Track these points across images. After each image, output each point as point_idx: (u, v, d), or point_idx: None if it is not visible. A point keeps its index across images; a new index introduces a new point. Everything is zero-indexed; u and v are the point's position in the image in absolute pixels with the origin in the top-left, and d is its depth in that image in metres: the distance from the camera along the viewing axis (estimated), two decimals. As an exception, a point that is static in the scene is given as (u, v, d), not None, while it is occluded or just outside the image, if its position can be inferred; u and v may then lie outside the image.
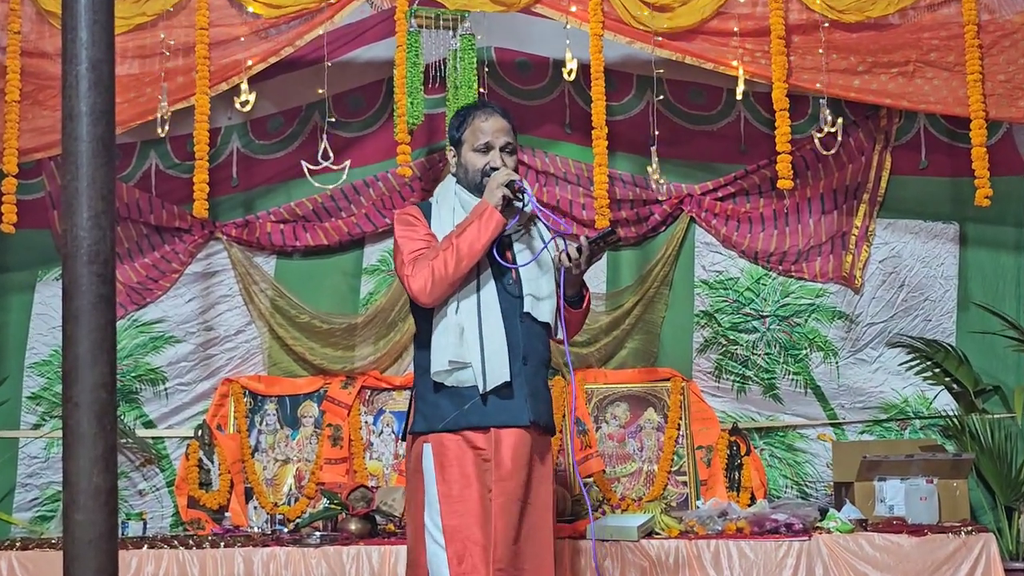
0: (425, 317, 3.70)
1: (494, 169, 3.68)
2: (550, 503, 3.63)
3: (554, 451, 3.76)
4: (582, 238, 3.64)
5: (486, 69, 6.06)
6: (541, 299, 3.66)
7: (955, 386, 5.95)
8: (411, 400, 3.79)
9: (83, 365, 1.44)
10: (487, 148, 3.74)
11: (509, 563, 3.47)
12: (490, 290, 3.61)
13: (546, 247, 3.69)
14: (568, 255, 3.62)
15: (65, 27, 1.49)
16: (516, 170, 3.76)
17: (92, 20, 1.47)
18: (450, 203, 3.76)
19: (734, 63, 5.56)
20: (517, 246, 3.75)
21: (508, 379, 3.54)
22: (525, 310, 3.63)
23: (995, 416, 5.82)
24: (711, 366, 6.18)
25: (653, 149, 5.80)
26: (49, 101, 5.68)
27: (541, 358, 3.71)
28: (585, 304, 3.83)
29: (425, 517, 3.53)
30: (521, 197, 3.62)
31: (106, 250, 1.46)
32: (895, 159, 6.10)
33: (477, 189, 3.71)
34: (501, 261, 3.60)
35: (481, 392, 3.53)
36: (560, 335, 3.73)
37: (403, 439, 3.87)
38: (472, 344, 3.54)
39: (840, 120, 5.56)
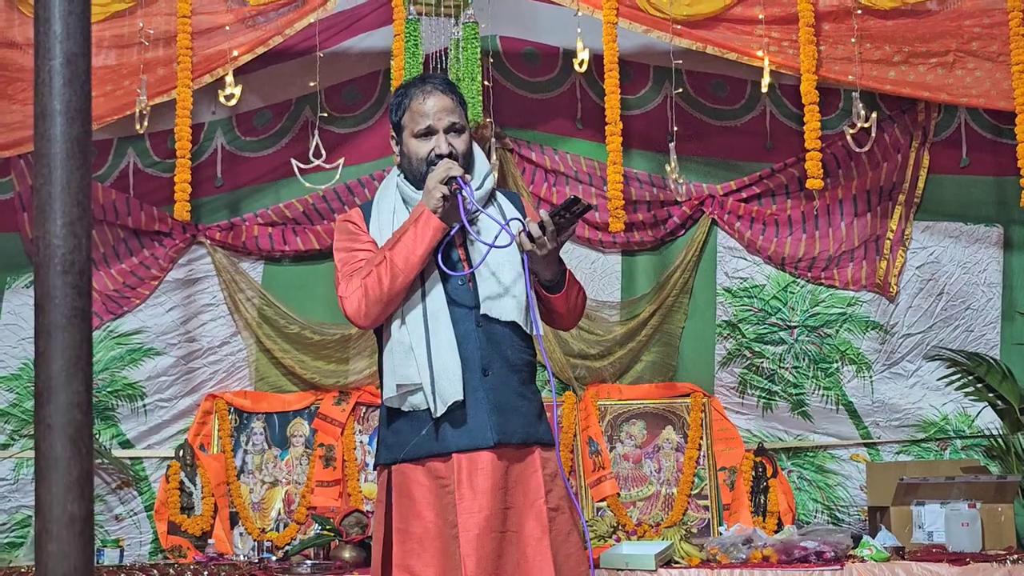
0: (377, 336, 3.54)
1: (440, 156, 3.41)
2: (542, 532, 3.34)
3: (559, 471, 3.53)
4: (542, 212, 3.35)
5: (491, 60, 6.07)
6: (503, 295, 3.40)
7: (999, 402, 5.94)
8: (378, 428, 3.64)
9: (57, 384, 1.43)
10: (429, 132, 3.45)
11: None
12: (437, 296, 3.39)
13: (498, 237, 3.39)
14: (529, 234, 3.32)
15: (38, 18, 1.49)
16: (468, 152, 3.50)
17: (67, 11, 1.47)
18: (390, 201, 3.53)
19: (759, 53, 5.56)
20: (481, 225, 3.47)
21: (460, 397, 3.31)
22: (482, 312, 3.39)
23: (1042, 435, 5.82)
24: (734, 381, 6.18)
25: (671, 146, 5.80)
26: (19, 95, 5.69)
27: (510, 365, 3.42)
28: (567, 286, 3.49)
29: (381, 555, 3.41)
30: (467, 193, 3.35)
31: (81, 260, 1.46)
32: (933, 157, 6.10)
33: (423, 182, 3.43)
34: (445, 269, 3.36)
35: (434, 416, 3.33)
36: (538, 331, 3.46)
37: (374, 469, 3.71)
38: (421, 362, 3.33)
39: (874, 115, 5.55)
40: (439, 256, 3.34)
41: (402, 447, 3.38)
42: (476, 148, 3.58)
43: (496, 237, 3.39)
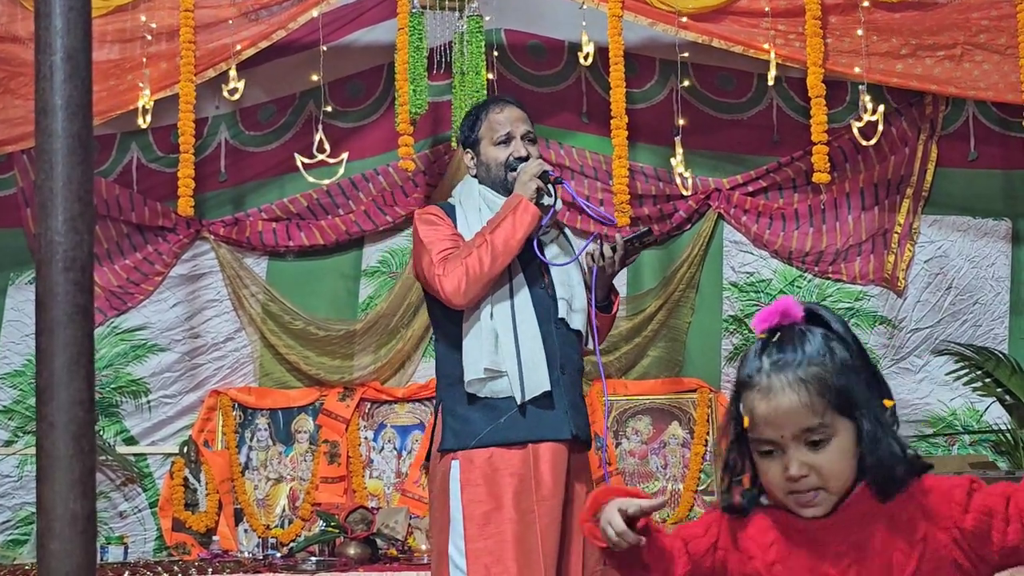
0: (454, 321, 3.67)
1: (519, 159, 3.73)
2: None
3: (593, 468, 3.72)
4: (617, 236, 3.69)
5: (495, 53, 6.06)
6: (574, 305, 3.68)
7: (1008, 397, 5.93)
8: (436, 415, 3.71)
9: (59, 382, 1.43)
10: (508, 139, 3.78)
11: None
12: (523, 294, 3.63)
13: (588, 246, 3.74)
14: (602, 253, 3.67)
15: (38, 14, 1.49)
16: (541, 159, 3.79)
17: (67, 6, 1.47)
18: (475, 203, 3.78)
19: (765, 46, 5.55)
20: (548, 250, 3.73)
21: (548, 388, 3.53)
22: (560, 316, 3.65)
23: (1051, 430, 5.81)
24: (741, 376, 6.16)
25: (677, 140, 5.80)
26: (21, 90, 5.69)
27: (577, 367, 3.70)
28: (614, 310, 3.86)
29: (449, 543, 3.48)
30: (553, 190, 3.67)
31: (83, 256, 1.46)
32: (941, 150, 6.09)
33: (502, 186, 3.75)
34: (541, 256, 3.62)
35: (519, 403, 3.52)
36: (590, 344, 3.72)
37: (426, 460, 3.77)
38: (508, 351, 3.54)
39: (881, 108, 5.55)
40: (536, 245, 3.61)
41: (474, 435, 3.53)
42: None
43: (590, 241, 3.77)
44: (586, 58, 5.76)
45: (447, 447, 3.56)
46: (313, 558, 5.25)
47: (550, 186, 3.65)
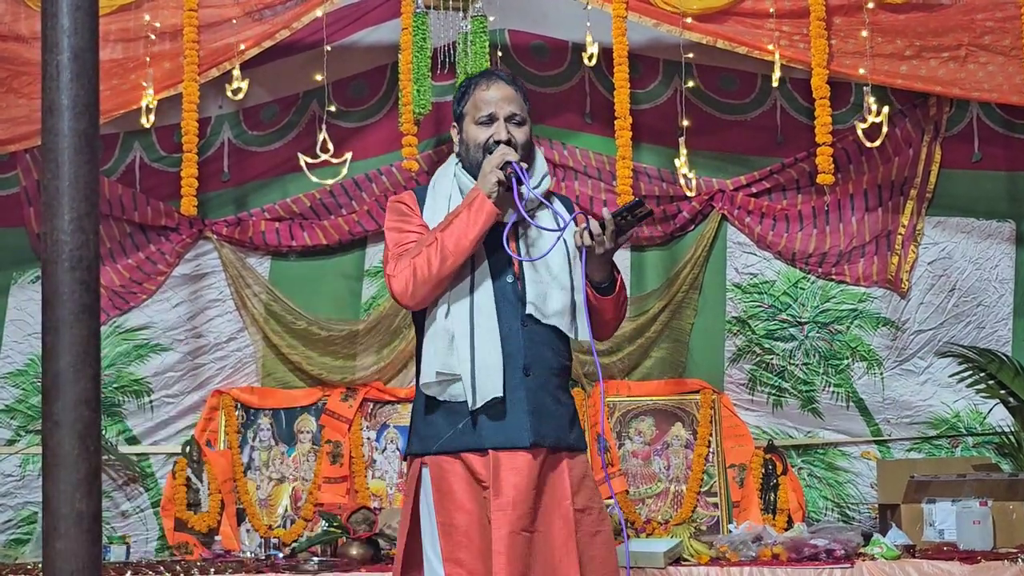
0: (418, 322, 3.55)
1: (498, 143, 3.43)
2: (568, 533, 3.33)
3: (589, 472, 3.47)
4: (604, 211, 3.38)
5: (499, 53, 6.07)
6: (549, 297, 3.41)
7: (1011, 399, 5.93)
8: (411, 417, 3.61)
9: (64, 381, 1.43)
10: (490, 119, 3.48)
11: None
12: (485, 290, 3.40)
13: (561, 236, 3.36)
14: (590, 232, 3.32)
15: (45, 13, 1.49)
16: (528, 145, 3.51)
17: (75, 6, 1.47)
18: (446, 188, 3.54)
19: (770, 47, 5.55)
20: (530, 234, 3.48)
21: (500, 394, 3.31)
22: (527, 312, 3.39)
23: (1055, 432, 5.81)
24: (744, 377, 6.17)
25: (681, 140, 5.80)
26: (25, 88, 5.70)
27: (550, 368, 3.43)
28: (618, 290, 3.50)
29: (426, 545, 3.39)
30: (512, 181, 3.33)
31: (90, 255, 1.46)
32: (945, 152, 6.09)
33: (479, 169, 3.44)
34: (508, 251, 3.33)
35: (471, 409, 3.32)
36: (584, 336, 3.43)
37: (405, 458, 3.71)
38: (463, 353, 3.33)
39: (885, 109, 5.55)
40: (504, 240, 3.32)
41: (436, 439, 3.38)
42: (536, 149, 3.60)
43: (563, 227, 3.38)
44: (590, 59, 5.76)
45: (413, 451, 3.46)
46: (315, 558, 5.25)
47: (513, 177, 3.32)
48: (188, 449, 6.04)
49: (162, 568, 5.16)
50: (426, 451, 3.40)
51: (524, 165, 3.38)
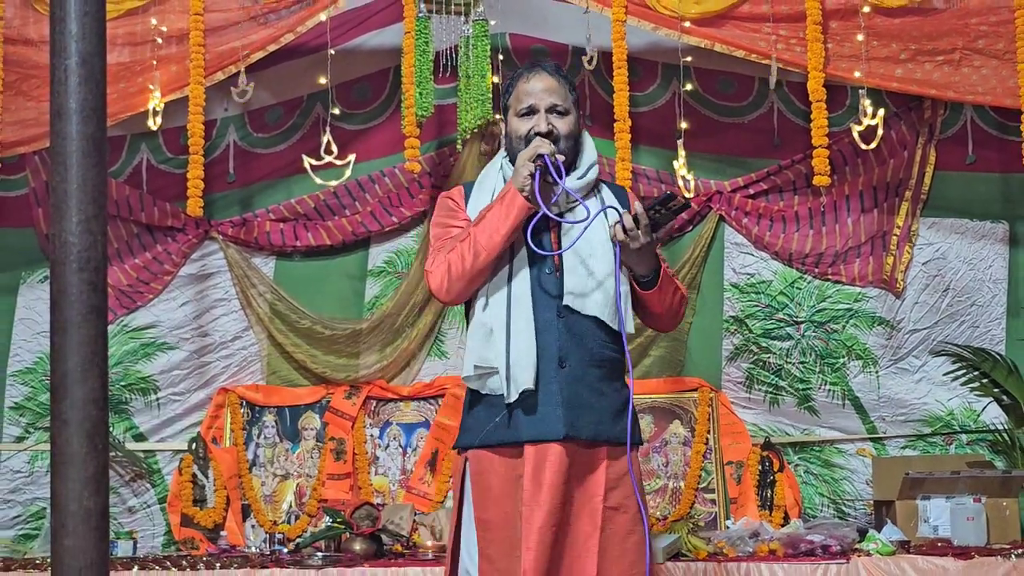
0: (466, 315, 3.49)
1: (539, 135, 3.34)
2: (592, 529, 3.26)
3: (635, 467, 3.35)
4: (637, 204, 3.30)
5: (500, 57, 6.07)
6: (589, 288, 3.31)
7: (1004, 398, 5.93)
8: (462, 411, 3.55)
9: (72, 380, 1.44)
10: (531, 111, 3.40)
11: None
12: (523, 281, 3.32)
13: (588, 224, 3.27)
14: (623, 226, 3.24)
15: (53, 18, 1.50)
16: (573, 135, 3.41)
17: (83, 11, 1.47)
18: (492, 181, 3.48)
19: (767, 50, 5.55)
20: (568, 226, 3.36)
21: (531, 386, 3.24)
22: (564, 303, 3.30)
23: (1048, 430, 5.81)
24: (742, 376, 6.17)
25: (679, 143, 5.80)
26: (34, 92, 5.70)
27: (590, 359, 3.32)
28: (660, 283, 3.38)
29: (462, 538, 3.37)
30: (549, 173, 3.25)
31: (97, 257, 1.46)
32: (940, 154, 6.09)
33: None
34: (535, 248, 3.26)
35: (506, 402, 3.27)
36: (628, 328, 3.33)
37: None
38: (499, 346, 3.27)
39: (881, 112, 5.55)
40: (528, 236, 3.24)
41: (477, 433, 3.34)
42: (586, 137, 3.50)
43: (588, 219, 3.28)
44: (590, 62, 5.76)
45: (457, 444, 3.43)
46: (319, 553, 5.25)
47: (548, 169, 3.25)
48: (194, 446, 6.04)
49: (168, 563, 5.16)
50: (468, 445, 3.36)
51: (561, 158, 3.30)
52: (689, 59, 5.96)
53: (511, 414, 3.29)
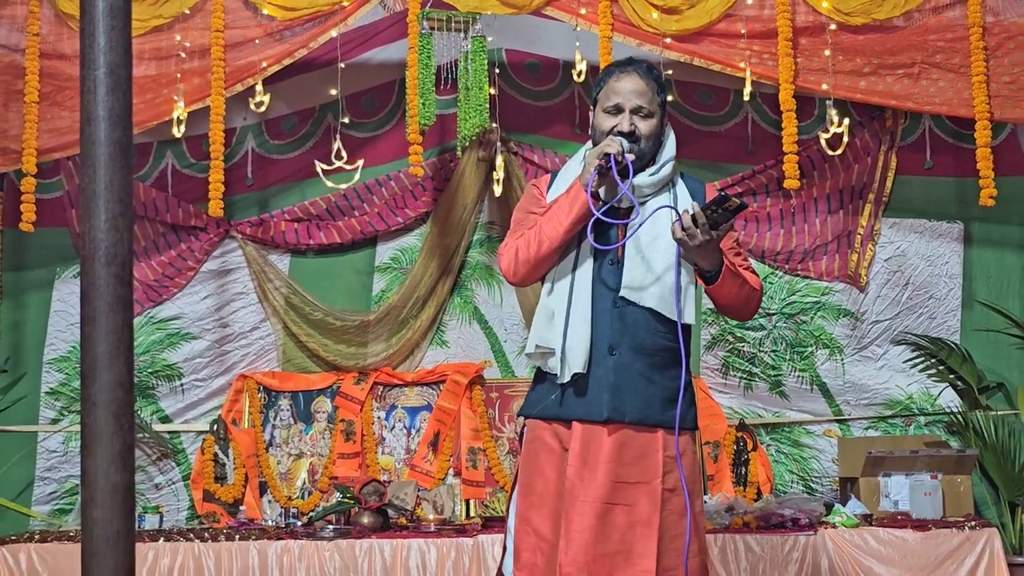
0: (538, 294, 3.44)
1: (620, 134, 3.21)
2: (653, 510, 3.15)
3: (688, 454, 3.24)
4: (693, 204, 3.17)
5: (497, 70, 6.06)
6: (647, 280, 3.20)
7: (959, 383, 5.94)
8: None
9: (101, 366, 1.43)
10: (616, 110, 3.26)
11: (584, 569, 3.10)
12: (586, 271, 3.23)
13: (644, 221, 3.19)
14: (681, 225, 3.12)
15: (83, 32, 1.49)
16: (653, 136, 3.28)
17: (110, 26, 1.47)
18: (573, 172, 3.35)
19: (741, 64, 5.54)
20: (634, 222, 3.24)
21: (582, 370, 3.17)
22: (621, 294, 3.19)
23: (998, 413, 5.81)
24: (718, 363, 6.17)
25: (661, 149, 5.79)
26: (67, 102, 5.69)
27: (641, 348, 3.19)
28: (722, 278, 3.23)
29: (511, 498, 3.34)
30: (611, 171, 3.13)
31: (123, 252, 1.46)
32: (900, 159, 6.09)
33: None
34: (592, 242, 3.17)
35: (559, 382, 3.21)
36: (687, 319, 3.21)
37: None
38: (558, 329, 3.21)
39: (846, 121, 5.55)
40: (589, 230, 3.15)
41: (536, 405, 3.30)
42: (669, 135, 3.37)
43: (649, 214, 3.19)
44: (579, 75, 5.76)
45: (521, 412, 3.38)
46: (330, 526, 5.25)
47: (615, 167, 3.12)
48: (215, 428, 6.04)
49: (192, 535, 5.16)
50: (528, 414, 3.33)
51: (632, 157, 3.20)
52: (670, 72, 5.96)
53: (564, 393, 3.24)
